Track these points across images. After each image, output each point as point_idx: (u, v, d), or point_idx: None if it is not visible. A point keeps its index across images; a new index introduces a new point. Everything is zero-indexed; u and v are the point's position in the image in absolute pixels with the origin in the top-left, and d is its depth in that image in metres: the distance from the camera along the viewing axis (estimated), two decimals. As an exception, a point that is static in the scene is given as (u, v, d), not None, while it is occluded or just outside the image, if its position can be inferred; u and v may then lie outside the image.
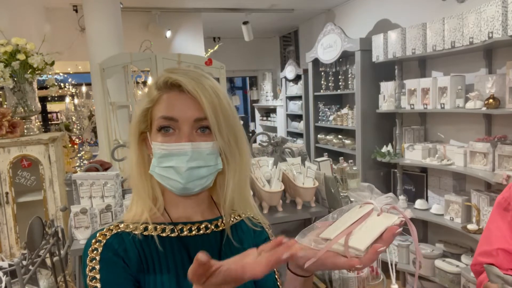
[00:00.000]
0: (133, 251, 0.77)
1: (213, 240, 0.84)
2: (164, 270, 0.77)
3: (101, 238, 0.77)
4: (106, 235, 0.77)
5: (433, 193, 3.46)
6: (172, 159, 0.75)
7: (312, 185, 1.70)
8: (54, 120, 8.89)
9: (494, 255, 1.06)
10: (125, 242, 0.77)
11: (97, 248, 0.75)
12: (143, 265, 0.76)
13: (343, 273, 1.65)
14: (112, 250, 0.75)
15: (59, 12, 4.49)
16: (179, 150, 0.75)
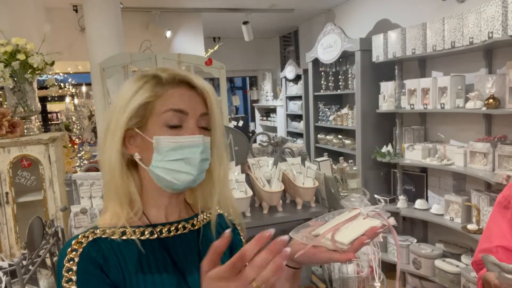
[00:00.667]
0: (112, 257, 0.74)
1: (191, 239, 0.85)
2: (147, 273, 0.76)
3: (77, 247, 0.73)
4: (82, 242, 0.74)
5: (433, 193, 3.46)
6: (184, 152, 0.76)
7: (312, 185, 1.70)
8: (54, 120, 8.89)
9: (493, 252, 1.08)
10: (103, 248, 0.75)
11: (73, 258, 0.72)
12: (123, 270, 0.75)
13: (343, 273, 1.65)
14: (89, 259, 0.73)
15: (59, 12, 4.49)
16: (192, 142, 0.77)
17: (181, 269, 0.80)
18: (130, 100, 0.77)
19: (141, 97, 0.77)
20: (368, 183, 3.81)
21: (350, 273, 1.64)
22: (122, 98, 0.78)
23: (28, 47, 2.44)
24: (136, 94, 0.77)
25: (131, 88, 0.79)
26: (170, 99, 0.77)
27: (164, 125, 0.76)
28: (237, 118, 7.59)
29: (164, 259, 0.79)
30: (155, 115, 0.77)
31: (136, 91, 0.78)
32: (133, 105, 0.77)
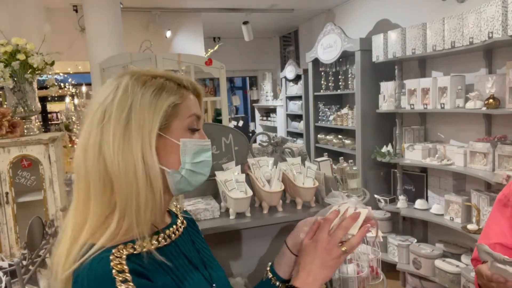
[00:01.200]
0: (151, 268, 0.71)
1: (187, 236, 0.88)
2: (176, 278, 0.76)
3: (118, 254, 0.68)
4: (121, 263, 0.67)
5: (433, 193, 3.46)
6: (203, 155, 0.80)
7: (312, 185, 1.70)
8: (54, 120, 8.89)
9: (491, 249, 1.09)
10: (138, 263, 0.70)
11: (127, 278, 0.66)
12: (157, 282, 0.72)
13: (343, 273, 1.65)
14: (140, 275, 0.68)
15: (59, 12, 4.49)
16: (207, 146, 0.81)
17: (194, 263, 0.83)
18: (156, 99, 0.73)
19: (170, 97, 0.75)
20: (368, 183, 3.81)
21: (350, 273, 1.64)
22: (138, 98, 0.72)
23: (28, 47, 2.44)
24: (161, 94, 0.74)
25: (146, 87, 0.74)
26: (192, 104, 0.79)
27: (186, 129, 0.78)
28: (237, 118, 7.59)
29: (182, 259, 0.81)
30: (180, 118, 0.76)
31: (157, 91, 0.74)
32: (165, 105, 0.74)
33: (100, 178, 0.70)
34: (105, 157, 0.70)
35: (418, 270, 3.21)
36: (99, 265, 0.66)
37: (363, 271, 1.67)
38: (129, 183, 0.69)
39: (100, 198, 0.70)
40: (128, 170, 0.69)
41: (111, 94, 0.73)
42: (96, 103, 0.74)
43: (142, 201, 0.70)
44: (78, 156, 0.73)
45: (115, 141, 0.70)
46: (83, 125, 0.74)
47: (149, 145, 0.71)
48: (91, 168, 0.70)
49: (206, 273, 0.84)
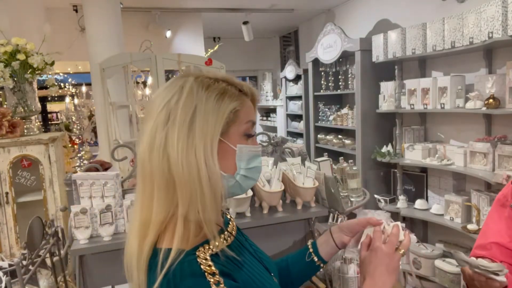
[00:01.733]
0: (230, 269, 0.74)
1: (239, 232, 0.92)
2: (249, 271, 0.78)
3: (203, 256, 0.71)
4: (210, 265, 0.70)
5: (433, 193, 3.46)
6: (256, 160, 0.81)
7: (312, 185, 1.70)
8: (54, 120, 8.89)
9: (488, 248, 1.12)
10: (221, 263, 0.73)
11: (209, 264, 0.69)
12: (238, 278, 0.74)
13: (343, 273, 1.65)
14: (218, 263, 0.72)
15: (59, 12, 4.49)
16: (259, 152, 0.82)
17: (254, 255, 0.87)
18: (219, 104, 0.74)
19: (232, 103, 0.76)
20: (368, 183, 3.81)
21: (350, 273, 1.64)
22: (202, 101, 0.73)
23: (28, 47, 2.44)
24: (223, 99, 0.75)
25: (209, 91, 0.75)
26: (249, 111, 0.80)
27: (242, 134, 0.78)
28: (237, 118, 7.58)
29: (247, 254, 0.85)
30: (238, 123, 0.77)
31: (220, 95, 0.75)
32: (228, 109, 0.75)
33: (164, 177, 0.71)
34: (169, 158, 0.71)
35: (418, 270, 3.20)
36: (190, 268, 0.68)
37: (363, 271, 1.67)
38: (192, 184, 0.70)
39: (163, 197, 0.72)
40: (191, 172, 0.70)
41: (175, 95, 0.74)
42: (161, 103, 0.74)
43: (205, 202, 0.71)
44: (144, 154, 0.74)
45: (179, 143, 0.71)
46: (147, 123, 0.75)
47: (211, 149, 0.72)
48: (156, 167, 0.72)
49: (263, 263, 0.88)
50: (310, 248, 1.02)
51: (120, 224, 1.49)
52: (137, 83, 4.57)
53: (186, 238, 0.71)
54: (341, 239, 1.00)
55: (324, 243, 1.02)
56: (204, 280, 0.67)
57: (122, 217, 1.49)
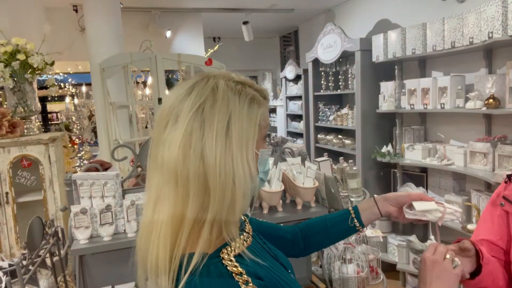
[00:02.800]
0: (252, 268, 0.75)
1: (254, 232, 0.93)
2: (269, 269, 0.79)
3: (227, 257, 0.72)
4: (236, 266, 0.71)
5: (433, 193, 3.46)
6: (268, 163, 0.85)
7: (312, 185, 1.70)
8: (54, 120, 8.89)
9: (478, 244, 1.13)
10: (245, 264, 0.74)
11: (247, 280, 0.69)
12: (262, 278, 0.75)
13: (343, 273, 1.65)
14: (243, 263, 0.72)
15: (59, 12, 4.49)
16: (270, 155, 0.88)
17: (272, 254, 0.89)
18: (251, 109, 0.75)
19: (260, 109, 0.77)
20: (368, 183, 3.81)
21: (350, 273, 1.64)
22: (235, 107, 0.74)
23: (28, 47, 2.44)
24: (253, 104, 0.76)
25: (241, 95, 0.75)
26: (266, 115, 0.81)
27: (262, 138, 0.81)
28: (237, 118, 7.58)
29: (264, 252, 0.86)
30: (261, 129, 0.78)
31: (250, 100, 0.76)
32: (258, 114, 0.76)
33: (200, 180, 0.71)
34: (206, 164, 0.70)
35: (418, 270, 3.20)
36: (217, 271, 0.69)
37: (363, 271, 1.67)
38: (226, 190, 0.71)
39: (198, 201, 0.71)
40: (227, 178, 0.71)
41: (208, 99, 0.73)
42: (193, 107, 0.73)
43: (235, 207, 0.72)
44: (177, 157, 0.71)
45: (217, 149, 0.71)
46: (176, 126, 0.73)
47: (246, 155, 0.73)
48: (192, 172, 0.71)
49: (280, 261, 0.89)
50: (352, 214, 1.08)
51: (120, 224, 1.49)
52: (137, 83, 4.57)
53: (209, 242, 0.72)
54: (387, 208, 1.08)
55: (367, 210, 1.08)
56: (233, 280, 0.68)
57: (122, 217, 1.49)
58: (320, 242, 1.12)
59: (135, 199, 1.52)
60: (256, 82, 4.35)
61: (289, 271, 0.89)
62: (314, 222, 1.12)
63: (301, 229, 1.11)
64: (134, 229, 1.47)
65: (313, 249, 1.13)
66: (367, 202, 1.11)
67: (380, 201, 1.08)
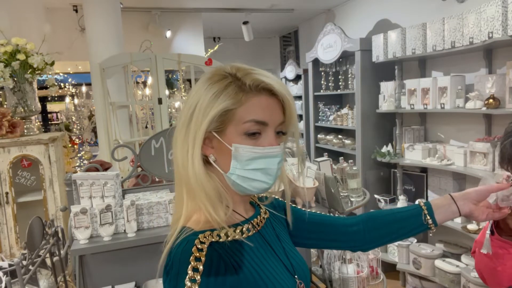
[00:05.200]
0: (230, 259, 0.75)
1: (271, 227, 0.91)
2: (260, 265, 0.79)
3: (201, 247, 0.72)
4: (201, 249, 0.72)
5: (433, 193, 3.46)
6: (262, 162, 0.77)
7: (312, 185, 1.70)
8: (54, 120, 8.90)
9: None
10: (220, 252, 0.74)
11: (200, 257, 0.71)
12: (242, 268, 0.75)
13: (343, 273, 1.65)
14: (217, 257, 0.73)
15: (59, 12, 4.49)
16: (271, 153, 0.77)
17: (277, 253, 0.86)
18: (212, 103, 0.75)
19: (224, 102, 0.75)
20: (368, 183, 3.81)
21: (350, 273, 1.64)
22: (202, 99, 0.76)
23: (28, 47, 2.44)
24: (218, 98, 0.75)
25: (211, 89, 0.76)
26: (252, 109, 0.75)
27: (243, 133, 0.76)
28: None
29: (266, 248, 0.84)
30: (235, 123, 0.75)
31: (217, 94, 0.75)
32: (216, 110, 0.75)
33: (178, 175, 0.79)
34: (176, 156, 0.78)
35: (418, 270, 3.21)
36: (185, 247, 0.72)
37: (363, 271, 1.67)
38: (190, 183, 0.76)
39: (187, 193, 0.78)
40: (186, 172, 0.76)
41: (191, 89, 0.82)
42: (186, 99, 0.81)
43: (201, 198, 0.75)
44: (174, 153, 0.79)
45: (179, 141, 0.77)
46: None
47: (199, 145, 0.75)
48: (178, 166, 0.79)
49: (288, 263, 0.86)
50: (425, 210, 0.98)
51: (120, 224, 1.49)
52: (137, 83, 4.57)
53: (198, 222, 0.76)
54: (468, 207, 0.98)
55: (443, 208, 0.98)
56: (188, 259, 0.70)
57: (122, 217, 1.49)
58: (383, 237, 1.01)
59: (135, 199, 1.52)
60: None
61: (296, 276, 0.86)
62: (381, 214, 1.04)
63: (364, 220, 1.02)
64: (134, 229, 1.47)
65: (375, 243, 1.02)
66: (442, 199, 1.00)
67: (459, 199, 0.98)
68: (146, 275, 1.53)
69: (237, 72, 0.79)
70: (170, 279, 0.72)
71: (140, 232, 1.49)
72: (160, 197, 1.58)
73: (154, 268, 1.58)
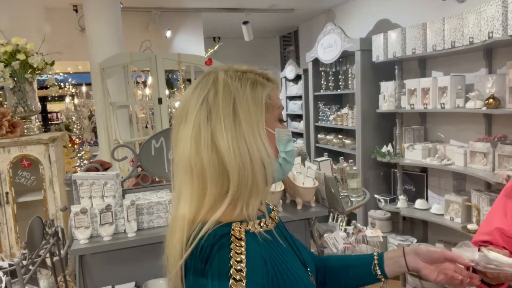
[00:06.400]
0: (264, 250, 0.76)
1: (280, 222, 0.94)
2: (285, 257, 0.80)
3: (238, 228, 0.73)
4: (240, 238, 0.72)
5: (433, 193, 3.46)
6: (291, 144, 0.83)
7: (312, 185, 1.70)
8: (54, 120, 8.90)
9: (491, 233, 1.16)
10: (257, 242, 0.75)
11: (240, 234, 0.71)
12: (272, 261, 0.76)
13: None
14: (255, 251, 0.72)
15: (59, 12, 4.49)
16: (291, 136, 0.85)
17: (293, 247, 0.88)
18: (254, 91, 0.77)
19: (266, 88, 0.79)
20: (368, 183, 3.81)
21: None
22: (240, 90, 0.76)
23: (28, 47, 2.44)
24: (256, 86, 0.78)
25: (241, 81, 0.78)
26: (277, 97, 0.83)
27: (277, 119, 0.82)
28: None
29: (285, 242, 0.86)
30: (272, 109, 0.80)
31: (253, 82, 0.78)
32: (263, 94, 0.78)
33: (216, 168, 0.73)
34: (219, 150, 0.73)
35: (418, 270, 3.20)
36: (223, 236, 0.70)
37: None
38: (245, 171, 0.73)
39: (215, 186, 0.74)
40: (243, 160, 0.73)
41: (211, 90, 0.76)
42: (198, 101, 0.76)
43: (257, 186, 0.75)
44: (190, 152, 0.75)
45: (228, 134, 0.74)
46: (185, 124, 0.77)
47: (259, 135, 0.75)
48: (206, 161, 0.73)
49: (301, 257, 0.89)
50: (375, 260, 0.98)
51: (120, 224, 1.49)
52: (137, 83, 4.57)
53: (226, 215, 0.74)
54: (416, 264, 0.95)
55: (392, 260, 0.97)
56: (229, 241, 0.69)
57: (122, 217, 1.49)
58: (337, 280, 1.01)
59: (135, 199, 1.52)
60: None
61: (308, 269, 0.88)
62: (335, 257, 1.06)
63: (322, 259, 1.04)
64: (134, 229, 1.47)
65: (330, 285, 1.01)
66: (395, 251, 0.98)
67: (409, 253, 0.96)
68: (146, 275, 1.53)
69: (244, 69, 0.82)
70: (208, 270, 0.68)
71: (140, 232, 1.49)
72: (160, 197, 1.58)
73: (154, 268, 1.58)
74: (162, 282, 1.52)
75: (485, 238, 1.21)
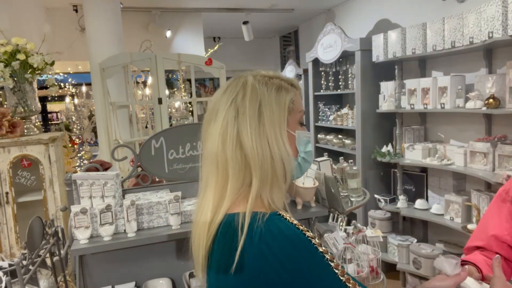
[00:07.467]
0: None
1: None
2: None
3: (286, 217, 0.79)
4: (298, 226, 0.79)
5: (433, 193, 3.46)
6: (310, 145, 0.93)
7: (312, 185, 1.70)
8: (54, 120, 8.90)
9: (486, 239, 1.16)
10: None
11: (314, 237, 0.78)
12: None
13: (343, 273, 1.65)
14: None
15: (59, 12, 4.49)
16: (310, 138, 0.94)
17: None
18: (279, 95, 0.86)
19: (290, 93, 0.88)
20: (368, 183, 3.81)
21: (350, 272, 1.64)
22: (267, 93, 0.84)
23: (28, 47, 2.44)
24: (281, 90, 0.87)
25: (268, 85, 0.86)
26: (300, 102, 0.92)
27: (298, 122, 0.91)
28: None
29: None
30: (294, 112, 0.89)
31: (278, 89, 0.86)
32: (287, 99, 0.87)
33: (239, 163, 0.81)
34: (243, 146, 0.81)
35: (418, 270, 3.20)
36: (283, 223, 0.77)
37: (363, 271, 1.67)
38: (266, 166, 0.81)
39: (237, 179, 0.82)
40: (265, 158, 0.81)
41: (240, 92, 0.85)
42: (227, 101, 0.85)
43: (277, 181, 0.82)
44: (217, 147, 0.83)
45: (252, 133, 0.81)
46: (214, 122, 0.85)
47: (280, 135, 0.83)
48: (230, 155, 0.81)
49: None
50: None
51: (120, 224, 1.49)
52: (137, 83, 4.57)
53: (257, 207, 0.80)
54: None
55: None
56: (304, 235, 0.76)
57: (122, 217, 1.49)
58: None
59: (135, 199, 1.52)
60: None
61: None
62: None
63: None
64: (134, 229, 1.47)
65: None
66: None
67: None
68: (146, 275, 1.53)
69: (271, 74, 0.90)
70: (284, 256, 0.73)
71: (140, 232, 1.49)
72: (160, 197, 1.58)
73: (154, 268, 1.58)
74: (162, 282, 1.52)
75: (479, 244, 1.23)
